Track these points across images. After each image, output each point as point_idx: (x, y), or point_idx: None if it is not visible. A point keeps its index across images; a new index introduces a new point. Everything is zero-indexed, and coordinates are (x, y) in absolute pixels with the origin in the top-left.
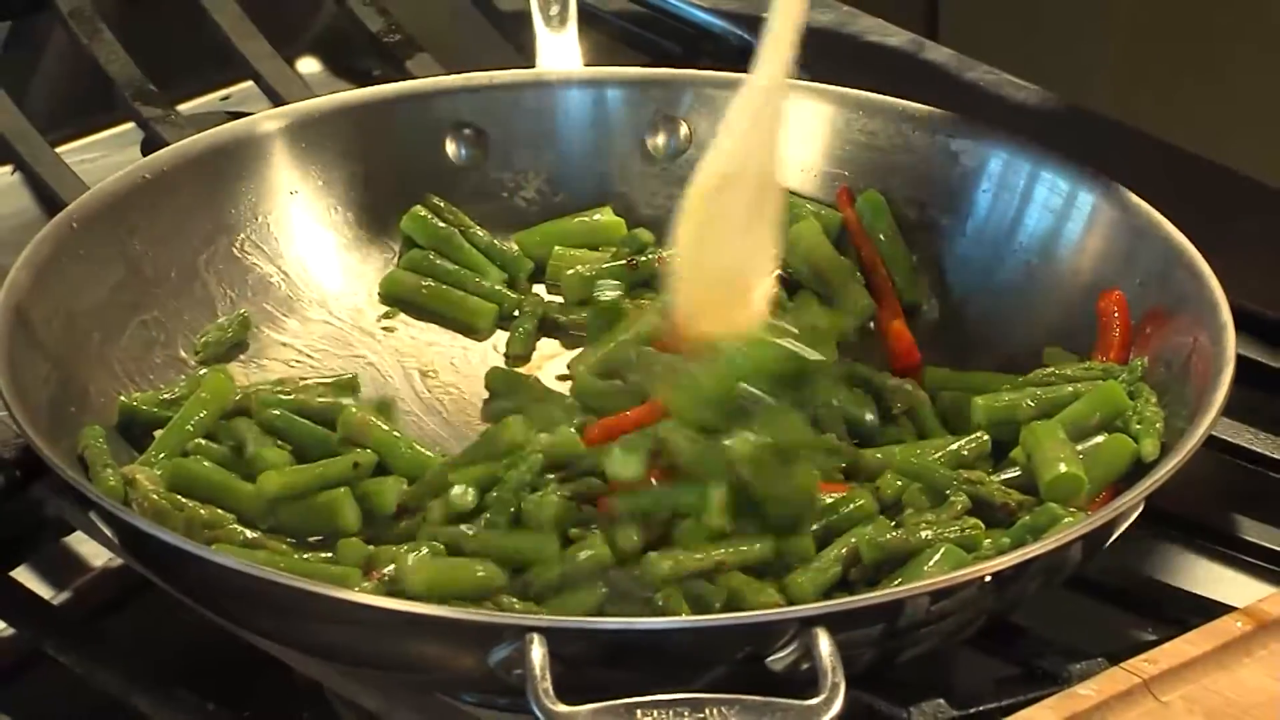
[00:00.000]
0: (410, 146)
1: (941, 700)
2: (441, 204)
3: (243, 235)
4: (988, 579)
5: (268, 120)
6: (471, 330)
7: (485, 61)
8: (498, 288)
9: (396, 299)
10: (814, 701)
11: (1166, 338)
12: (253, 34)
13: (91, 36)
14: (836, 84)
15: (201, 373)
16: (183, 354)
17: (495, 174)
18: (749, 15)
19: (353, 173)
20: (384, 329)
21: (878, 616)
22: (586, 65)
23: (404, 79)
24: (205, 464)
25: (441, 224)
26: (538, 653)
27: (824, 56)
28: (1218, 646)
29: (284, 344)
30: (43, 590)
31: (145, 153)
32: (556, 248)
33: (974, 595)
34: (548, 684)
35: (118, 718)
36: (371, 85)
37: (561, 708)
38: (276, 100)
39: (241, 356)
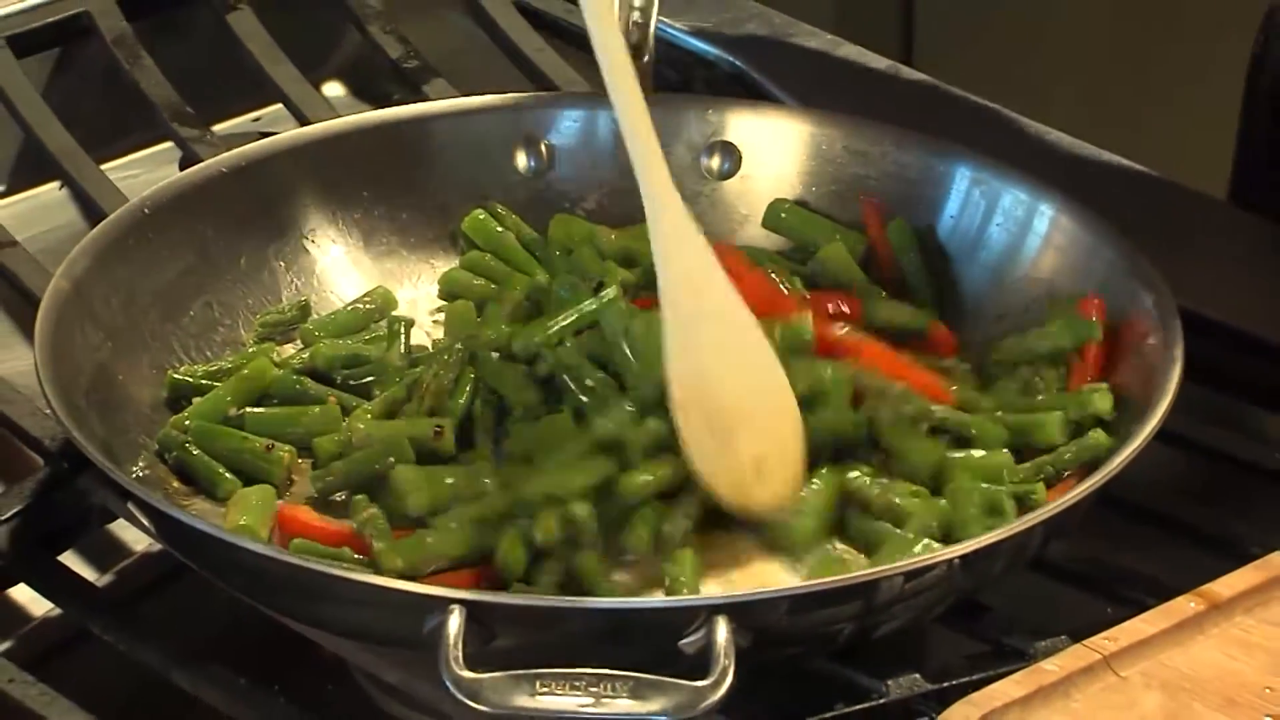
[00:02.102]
0: (482, 156)
1: (917, 674)
2: (500, 209)
3: (313, 228)
4: (955, 562)
5: (347, 124)
6: None
7: (494, 85)
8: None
9: (453, 294)
10: (702, 683)
11: (1124, 340)
12: (282, 60)
13: (133, 62)
14: (820, 105)
15: (250, 349)
16: (243, 334)
17: (559, 185)
18: (736, 44)
19: (425, 178)
20: (434, 321)
21: (778, 607)
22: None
23: (421, 100)
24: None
25: (499, 228)
26: (454, 623)
27: (809, 80)
28: (1173, 625)
29: None
30: (88, 573)
31: (183, 169)
32: (584, 248)
33: (933, 581)
34: (459, 652)
35: (157, 692)
36: (390, 108)
37: (466, 674)
38: (304, 121)
39: (299, 340)
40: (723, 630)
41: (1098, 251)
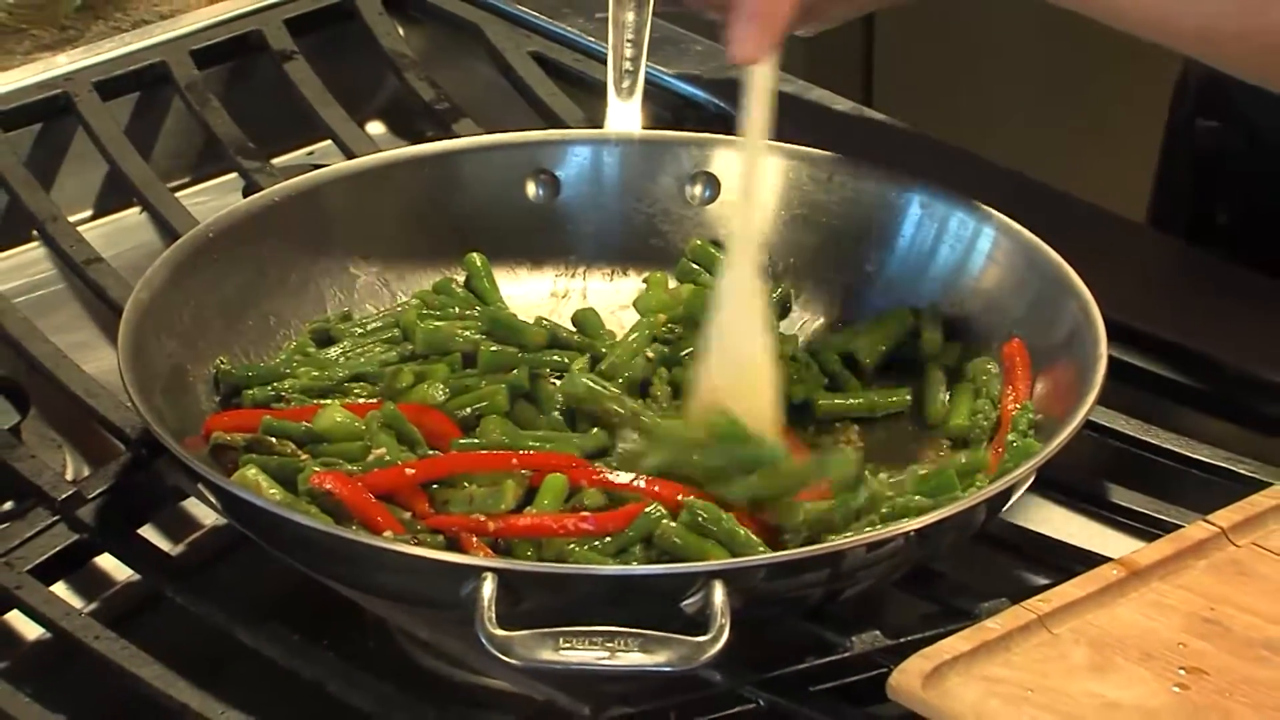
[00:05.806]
0: (496, 186)
1: (877, 631)
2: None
3: (352, 249)
4: (911, 535)
5: (378, 159)
6: None
7: (513, 124)
8: None
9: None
10: (702, 638)
11: (1056, 344)
12: (330, 102)
13: (203, 105)
14: (793, 142)
15: (292, 345)
16: (295, 341)
17: (563, 211)
18: (721, 88)
19: (447, 205)
20: None
21: (769, 573)
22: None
23: (451, 138)
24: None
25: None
26: (488, 588)
27: (783, 119)
28: (1098, 589)
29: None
30: (163, 544)
31: (245, 196)
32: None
33: (893, 551)
34: (492, 613)
35: (223, 647)
36: (424, 144)
37: (499, 632)
38: (350, 155)
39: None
40: (719, 593)
41: (1033, 267)
